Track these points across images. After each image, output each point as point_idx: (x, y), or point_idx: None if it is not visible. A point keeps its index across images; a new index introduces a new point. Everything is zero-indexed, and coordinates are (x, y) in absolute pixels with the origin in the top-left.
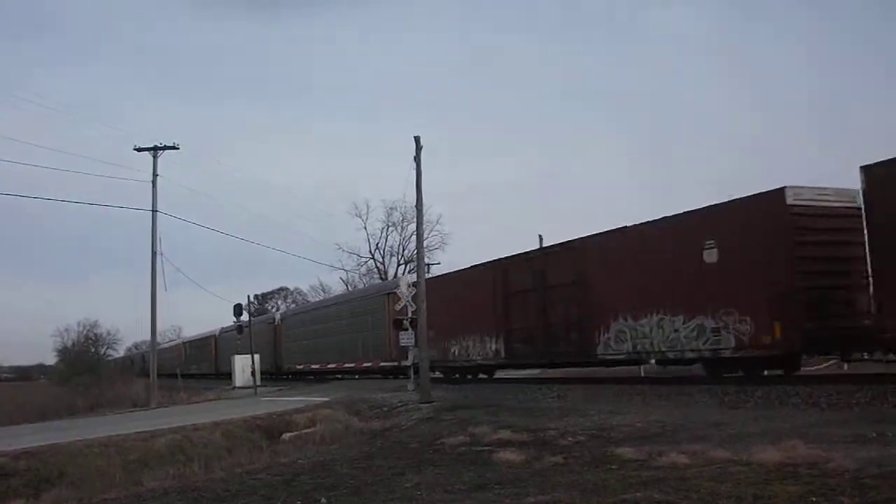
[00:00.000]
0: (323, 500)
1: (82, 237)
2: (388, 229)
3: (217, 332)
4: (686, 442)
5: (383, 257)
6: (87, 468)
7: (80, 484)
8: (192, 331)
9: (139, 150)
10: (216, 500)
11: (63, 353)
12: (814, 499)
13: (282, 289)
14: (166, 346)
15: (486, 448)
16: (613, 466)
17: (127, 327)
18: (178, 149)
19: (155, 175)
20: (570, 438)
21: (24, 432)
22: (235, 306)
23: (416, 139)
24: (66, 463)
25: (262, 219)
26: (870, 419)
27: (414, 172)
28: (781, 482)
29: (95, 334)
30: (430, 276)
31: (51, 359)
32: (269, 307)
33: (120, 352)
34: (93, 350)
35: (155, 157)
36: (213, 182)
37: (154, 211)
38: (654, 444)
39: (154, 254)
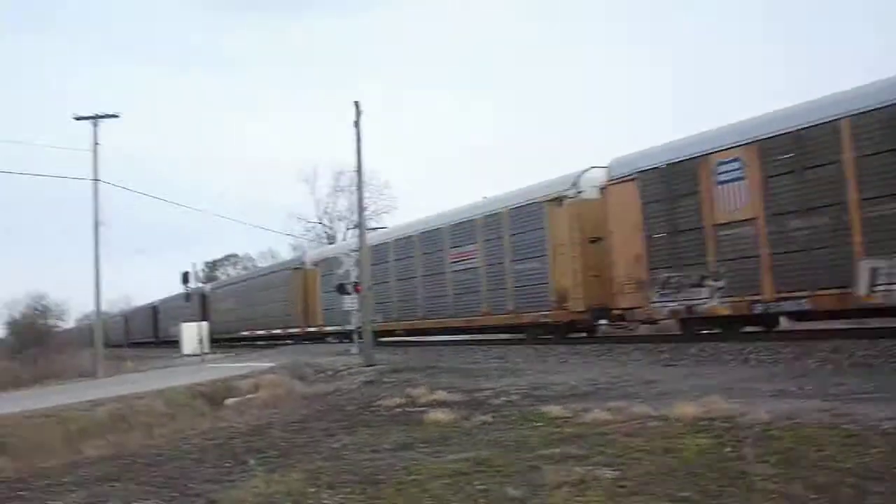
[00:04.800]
0: (252, 461)
1: (33, 208)
2: (335, 194)
3: (156, 304)
4: (613, 399)
5: (331, 222)
6: (27, 440)
7: (20, 455)
8: (142, 300)
9: (79, 118)
10: (149, 465)
11: (11, 325)
12: (723, 450)
13: (231, 255)
14: (112, 317)
15: (421, 409)
16: (539, 424)
17: (76, 298)
18: (118, 117)
19: (96, 144)
20: (502, 398)
21: None
22: (183, 274)
23: (356, 104)
24: (7, 435)
25: (213, 188)
26: (793, 374)
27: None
28: (694, 435)
29: (44, 305)
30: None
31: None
32: (219, 274)
33: (70, 323)
34: (41, 322)
35: (95, 125)
36: (163, 151)
37: (96, 180)
38: (581, 402)
39: (97, 224)
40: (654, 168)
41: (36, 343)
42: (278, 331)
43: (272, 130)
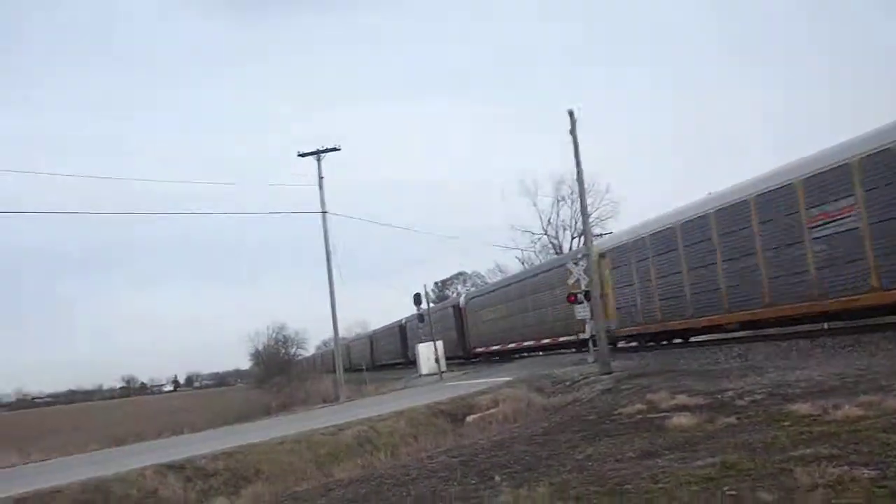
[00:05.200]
0: (497, 477)
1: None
2: (557, 204)
3: (403, 322)
4: (865, 394)
5: (556, 232)
6: (280, 464)
7: (275, 479)
8: (378, 323)
9: (302, 155)
10: (398, 484)
11: (255, 356)
12: None
13: (460, 273)
14: (351, 340)
15: (662, 414)
16: (786, 423)
17: (313, 326)
18: (339, 150)
19: (321, 178)
20: (746, 398)
21: (221, 435)
22: (414, 295)
23: (570, 113)
24: (261, 460)
25: (433, 209)
26: None
27: (572, 147)
28: None
29: (284, 336)
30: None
31: (245, 363)
32: (450, 293)
33: (309, 350)
34: (283, 351)
35: (319, 160)
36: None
37: (324, 213)
38: (829, 398)
39: (328, 253)
40: None
41: (280, 372)
42: (549, 340)
43: (490, 147)
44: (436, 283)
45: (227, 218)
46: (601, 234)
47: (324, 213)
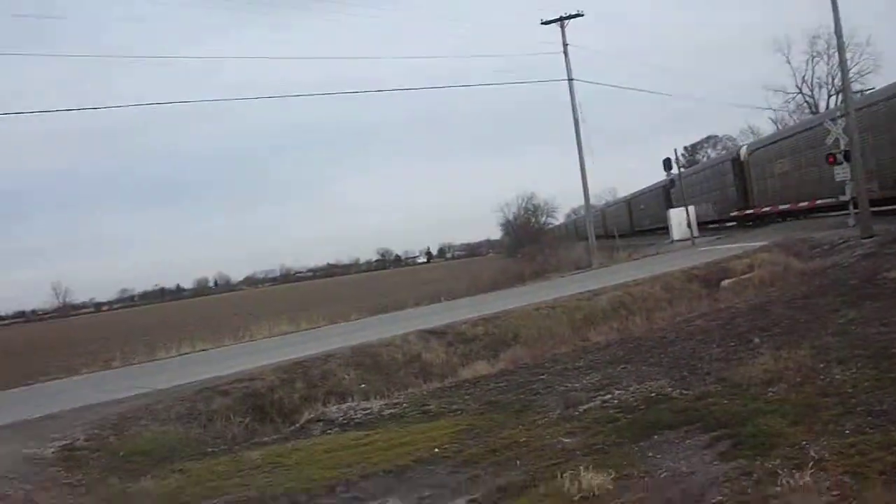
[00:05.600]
0: (756, 339)
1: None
2: (812, 60)
3: (665, 184)
4: None
5: (811, 90)
6: (537, 329)
7: (532, 343)
8: (627, 190)
9: (546, 23)
10: (655, 346)
11: (506, 226)
12: None
13: (710, 137)
14: (606, 207)
15: None
16: None
17: (562, 195)
18: (582, 16)
19: (565, 45)
20: None
21: (478, 303)
22: (664, 160)
23: None
24: (519, 325)
25: (679, 71)
26: None
27: None
28: None
29: (534, 205)
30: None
31: (496, 233)
32: (700, 157)
33: (559, 219)
34: (533, 220)
35: (562, 27)
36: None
37: (570, 80)
38: None
39: (576, 122)
40: None
41: (530, 241)
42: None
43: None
44: (685, 148)
45: (476, 90)
46: (861, 91)
47: (570, 80)
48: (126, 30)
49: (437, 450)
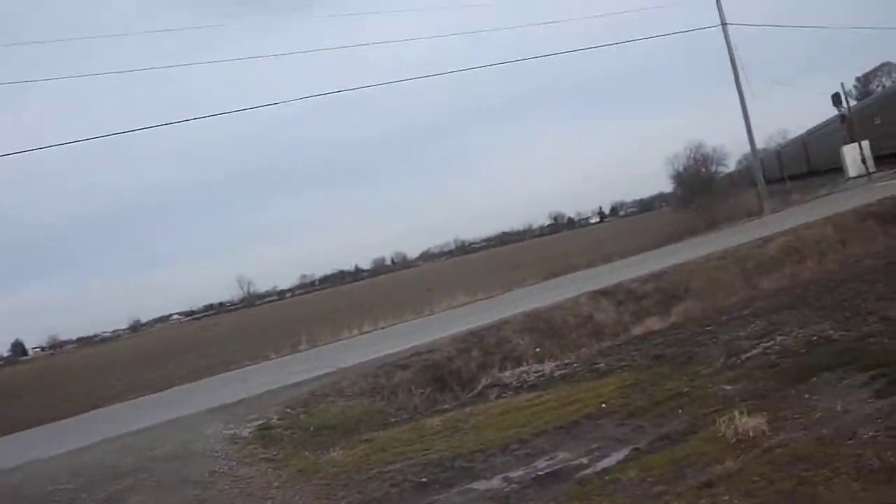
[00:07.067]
0: None
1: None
2: None
3: (805, 135)
4: None
5: None
6: (708, 280)
7: (703, 295)
8: (798, 131)
9: None
10: (821, 290)
11: (676, 178)
12: None
13: (885, 64)
14: (781, 147)
15: None
16: None
17: (731, 142)
18: None
19: None
20: None
21: (649, 259)
22: (833, 96)
23: None
24: (689, 279)
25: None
26: None
27: None
28: None
29: (703, 154)
30: None
31: (667, 187)
32: (875, 87)
33: (730, 167)
34: (703, 170)
35: None
36: None
37: (724, 24)
38: None
39: (735, 68)
40: None
41: (701, 191)
42: None
43: None
44: (857, 79)
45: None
46: None
47: (724, 24)
48: None
49: (604, 405)
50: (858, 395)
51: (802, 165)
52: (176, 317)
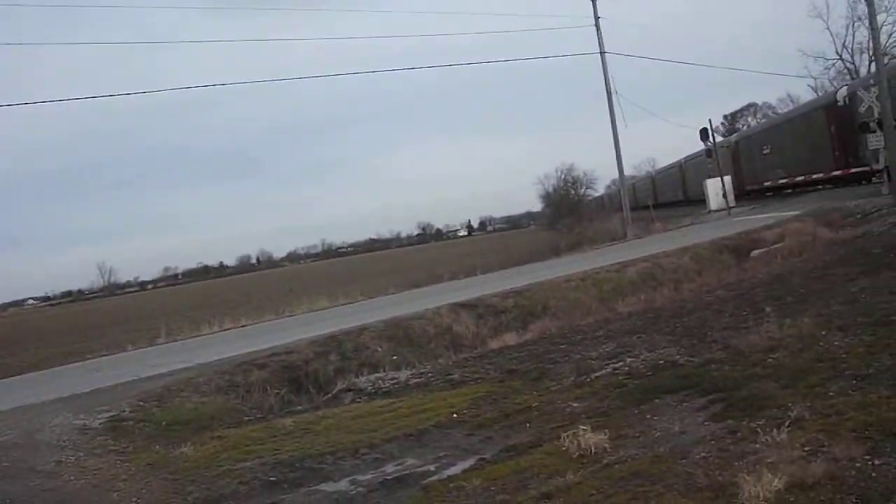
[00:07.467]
0: (767, 308)
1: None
2: (853, 25)
3: (682, 161)
4: None
5: (852, 56)
6: (567, 300)
7: (561, 314)
8: (667, 160)
9: None
10: (673, 316)
11: (546, 198)
12: None
13: (750, 105)
14: (637, 180)
15: None
16: None
17: (602, 166)
18: None
19: (597, 18)
20: None
21: (512, 275)
22: (701, 130)
23: None
24: (549, 297)
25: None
26: None
27: None
28: None
29: (573, 177)
30: None
31: (537, 206)
32: (740, 125)
33: (599, 191)
34: (572, 192)
35: (594, 1)
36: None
37: (602, 53)
38: None
39: (609, 94)
40: None
41: (569, 213)
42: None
43: None
44: (724, 117)
45: (516, 65)
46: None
47: (602, 53)
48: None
49: (455, 415)
50: (696, 418)
51: (678, 192)
52: (31, 302)
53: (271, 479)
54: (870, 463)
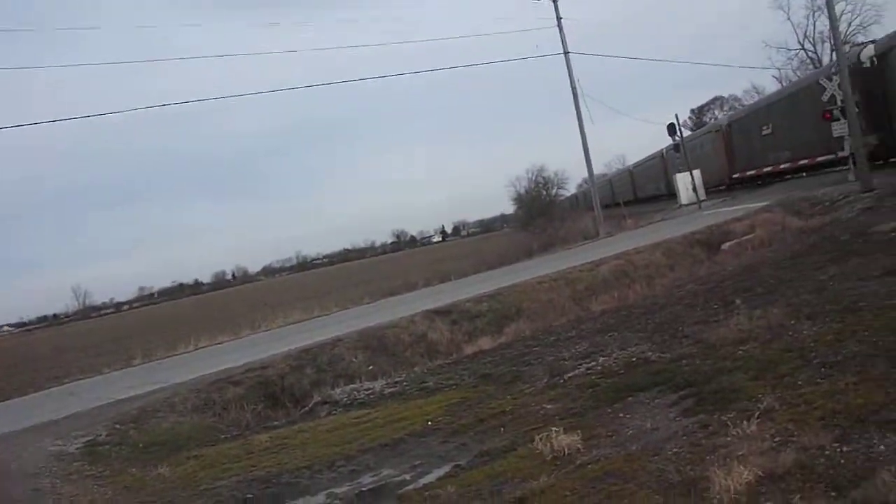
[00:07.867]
0: (738, 301)
1: (517, 91)
2: (814, 15)
3: (663, 152)
4: None
5: (814, 46)
6: (540, 302)
7: (535, 316)
8: (636, 157)
9: None
10: (645, 313)
11: (518, 200)
12: None
13: (716, 98)
14: (613, 176)
15: None
16: None
17: (573, 166)
18: None
19: (559, 19)
20: None
21: (485, 279)
22: (668, 126)
23: None
24: (522, 300)
25: (677, 36)
26: None
27: None
28: None
29: (544, 178)
30: None
31: (509, 208)
32: (707, 119)
33: (571, 190)
34: (544, 193)
35: (555, 2)
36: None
37: (566, 53)
38: None
39: (574, 94)
40: None
41: (541, 213)
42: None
43: None
44: (692, 111)
45: (482, 69)
46: (862, 44)
47: (566, 53)
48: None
49: (430, 423)
50: (668, 414)
51: (661, 185)
52: (6, 328)
53: (248, 496)
54: (838, 450)
